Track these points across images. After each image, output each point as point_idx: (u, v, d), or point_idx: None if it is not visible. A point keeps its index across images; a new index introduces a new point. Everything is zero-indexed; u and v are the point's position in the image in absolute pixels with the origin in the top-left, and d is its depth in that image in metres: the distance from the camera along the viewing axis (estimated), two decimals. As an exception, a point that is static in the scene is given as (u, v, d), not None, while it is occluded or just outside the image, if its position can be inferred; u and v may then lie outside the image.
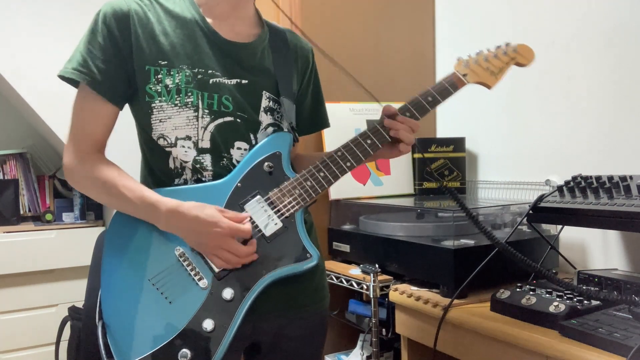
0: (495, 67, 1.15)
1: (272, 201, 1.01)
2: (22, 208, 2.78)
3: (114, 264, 1.00)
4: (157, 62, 0.98)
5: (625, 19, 1.52)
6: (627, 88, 1.52)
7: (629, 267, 1.50)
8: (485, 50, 1.16)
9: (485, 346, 1.20)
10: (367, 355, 1.70)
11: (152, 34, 0.99)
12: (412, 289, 1.45)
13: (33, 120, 2.74)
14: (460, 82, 1.13)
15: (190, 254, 0.97)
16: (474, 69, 1.14)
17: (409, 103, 1.10)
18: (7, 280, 2.49)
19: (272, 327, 1.05)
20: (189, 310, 0.95)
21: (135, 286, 0.97)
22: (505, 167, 1.91)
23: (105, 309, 0.98)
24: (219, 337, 0.94)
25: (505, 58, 1.16)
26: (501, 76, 1.16)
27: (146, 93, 0.99)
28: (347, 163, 1.05)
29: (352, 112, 1.94)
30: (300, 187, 1.02)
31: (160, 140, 1.01)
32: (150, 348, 0.94)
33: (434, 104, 1.11)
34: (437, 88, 1.12)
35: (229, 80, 1.03)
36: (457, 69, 1.14)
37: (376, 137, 1.07)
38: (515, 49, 1.16)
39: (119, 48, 0.97)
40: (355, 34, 2.02)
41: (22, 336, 2.52)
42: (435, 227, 1.53)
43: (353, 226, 1.78)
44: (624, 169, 1.51)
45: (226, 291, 0.96)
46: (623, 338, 0.95)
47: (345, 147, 1.06)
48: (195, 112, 1.00)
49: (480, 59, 1.15)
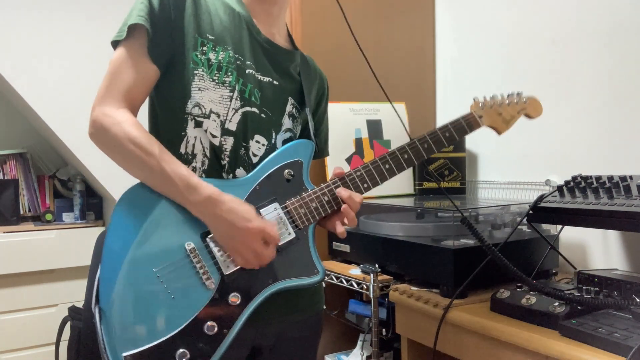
0: (507, 115, 1.19)
1: (288, 210, 1.01)
2: (22, 208, 2.78)
3: (119, 247, 0.93)
4: (205, 35, 1.00)
5: (625, 19, 1.52)
6: (627, 88, 1.52)
7: (629, 267, 1.50)
8: (499, 96, 1.19)
9: (485, 346, 1.20)
10: (367, 355, 1.70)
11: (206, 9, 1.02)
12: (412, 289, 1.45)
13: (33, 120, 2.74)
14: (477, 123, 1.16)
15: (202, 251, 0.95)
16: (489, 113, 1.17)
17: (427, 134, 1.11)
18: (7, 280, 2.50)
19: (273, 332, 1.05)
20: (192, 308, 0.93)
21: (139, 275, 0.92)
22: (505, 167, 1.91)
23: (103, 294, 0.92)
24: (219, 340, 0.93)
25: (517, 107, 1.20)
26: (512, 124, 1.20)
27: (192, 59, 0.99)
28: (364, 185, 1.06)
29: (352, 112, 1.94)
30: (318, 201, 1.02)
31: (195, 109, 1.00)
32: (147, 342, 0.90)
33: (451, 141, 1.13)
34: (455, 125, 1.14)
35: (262, 77, 1.06)
36: (473, 110, 1.17)
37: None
38: (525, 100, 1.20)
39: (170, 12, 0.98)
40: (355, 32, 2.02)
41: (22, 336, 2.52)
42: (435, 227, 1.53)
43: (353, 226, 1.78)
44: (624, 169, 1.51)
45: (232, 295, 0.95)
46: (623, 338, 0.95)
47: (364, 168, 1.07)
48: (230, 93, 1.01)
49: (495, 104, 1.18)
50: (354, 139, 1.91)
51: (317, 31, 1.88)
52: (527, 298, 1.18)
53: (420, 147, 1.09)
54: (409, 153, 1.09)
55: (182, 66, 0.99)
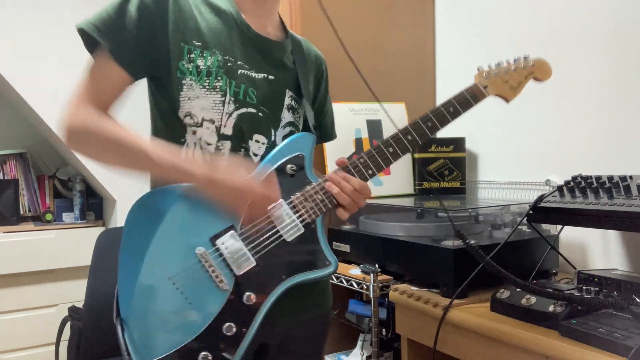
0: (514, 81, 1.14)
1: (294, 205, 1.00)
2: (22, 208, 2.78)
3: (133, 259, 0.97)
4: (191, 41, 0.98)
5: (625, 19, 1.52)
6: (627, 88, 1.52)
7: (629, 267, 1.50)
8: (505, 62, 1.15)
9: (485, 346, 1.20)
10: (367, 355, 1.70)
11: (190, 13, 0.99)
12: (412, 289, 1.45)
13: (33, 120, 2.74)
14: (481, 94, 1.12)
15: (212, 254, 0.96)
16: (494, 81, 1.13)
17: (430, 112, 1.08)
18: (7, 280, 2.50)
19: (281, 330, 1.05)
20: (210, 312, 0.94)
21: (155, 285, 0.95)
22: (505, 167, 1.91)
23: (123, 306, 0.95)
24: (239, 341, 0.94)
25: (524, 72, 1.15)
26: (520, 90, 1.15)
27: (178, 69, 0.98)
28: (369, 171, 1.05)
29: (352, 112, 1.94)
30: (323, 193, 1.02)
31: (186, 118, 0.99)
32: (169, 348, 0.93)
33: (455, 115, 1.10)
34: (458, 98, 1.11)
35: (256, 74, 1.04)
36: (477, 81, 1.13)
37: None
38: (533, 63, 1.16)
39: (151, 20, 0.96)
40: (355, 32, 2.02)
41: (22, 336, 2.53)
42: (435, 227, 1.53)
43: (353, 226, 1.78)
44: (624, 169, 1.51)
45: (247, 294, 0.95)
46: (623, 338, 0.95)
47: (367, 154, 1.05)
48: (222, 97, 1.00)
49: (500, 71, 1.14)
50: (354, 139, 1.91)
51: (317, 31, 1.88)
52: (527, 298, 1.18)
53: (424, 126, 1.07)
54: (413, 134, 1.06)
55: (168, 76, 0.98)
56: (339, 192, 1.01)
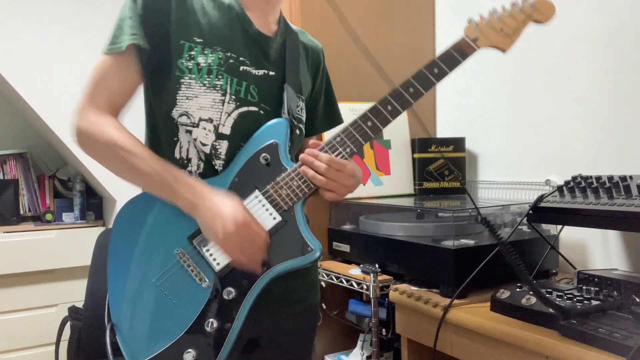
0: (509, 28, 1.02)
1: (269, 194, 0.99)
2: (22, 208, 2.78)
3: (119, 268, 1.01)
4: (192, 39, 0.98)
5: (626, 19, 1.52)
6: (628, 88, 1.52)
7: (629, 267, 1.50)
8: (500, 8, 1.03)
9: (485, 346, 1.20)
10: (367, 355, 1.70)
11: (192, 9, 0.99)
12: (412, 289, 1.45)
13: (33, 120, 2.74)
14: (470, 47, 1.01)
15: (191, 254, 0.97)
16: (486, 31, 1.02)
17: (412, 77, 1.01)
18: (7, 280, 2.50)
19: (271, 323, 1.05)
20: (193, 310, 0.96)
21: (141, 289, 0.99)
22: (505, 167, 1.91)
23: (113, 311, 1.00)
24: (224, 336, 0.95)
25: (521, 16, 1.02)
26: (516, 37, 1.02)
27: (177, 67, 0.97)
28: (347, 149, 1.00)
29: (352, 112, 1.94)
30: (299, 178, 0.99)
31: (182, 117, 0.98)
32: (157, 349, 0.96)
33: (440, 76, 1.00)
34: (443, 57, 1.01)
35: (256, 71, 1.03)
36: (467, 34, 1.03)
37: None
38: (532, 4, 1.02)
39: (155, 18, 0.96)
40: (355, 31, 2.02)
41: (22, 336, 2.52)
42: (435, 227, 1.53)
43: (353, 226, 1.78)
44: (624, 169, 1.51)
45: (228, 290, 0.96)
46: (623, 338, 0.95)
47: (344, 132, 1.02)
48: (222, 96, 0.99)
49: (493, 19, 1.02)
50: (354, 139, 1.91)
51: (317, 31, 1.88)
52: (527, 298, 1.17)
53: (406, 93, 1.00)
54: (393, 103, 1.00)
55: (167, 74, 0.98)
56: (314, 175, 0.98)
